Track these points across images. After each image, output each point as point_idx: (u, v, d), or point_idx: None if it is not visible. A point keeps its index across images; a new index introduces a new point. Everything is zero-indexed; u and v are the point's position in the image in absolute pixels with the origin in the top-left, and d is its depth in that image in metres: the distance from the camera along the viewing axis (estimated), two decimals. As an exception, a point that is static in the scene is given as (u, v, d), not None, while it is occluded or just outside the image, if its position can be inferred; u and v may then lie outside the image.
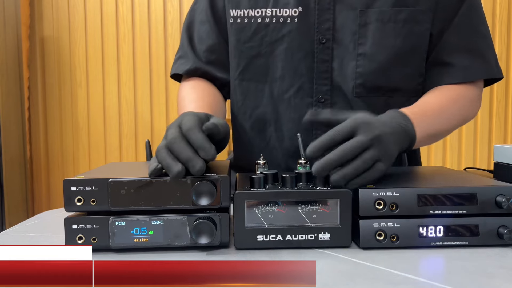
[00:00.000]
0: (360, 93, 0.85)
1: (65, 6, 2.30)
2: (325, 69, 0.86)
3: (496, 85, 2.33)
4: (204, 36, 0.94)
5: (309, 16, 0.85)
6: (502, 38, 2.33)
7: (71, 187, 0.56)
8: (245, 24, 0.88)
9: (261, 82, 0.89)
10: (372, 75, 0.84)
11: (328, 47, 0.85)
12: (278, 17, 0.86)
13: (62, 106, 2.33)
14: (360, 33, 0.84)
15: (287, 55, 0.86)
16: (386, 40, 0.84)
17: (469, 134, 2.34)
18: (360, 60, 0.84)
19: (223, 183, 0.57)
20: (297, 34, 0.85)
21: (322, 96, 0.86)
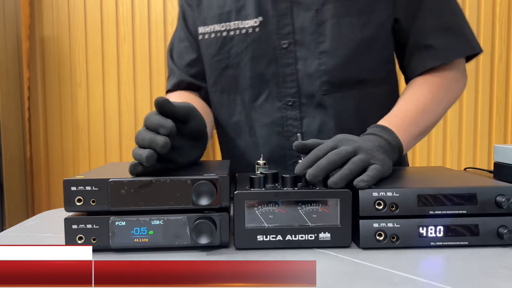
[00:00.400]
0: (327, 90, 0.87)
1: (65, 6, 2.30)
2: (290, 72, 0.88)
3: (496, 85, 2.33)
4: (184, 52, 0.99)
5: (269, 24, 0.87)
6: (502, 38, 2.33)
7: (71, 187, 0.56)
8: (212, 39, 0.92)
9: (233, 92, 0.93)
10: (336, 71, 0.86)
11: (291, 51, 0.87)
12: (241, 29, 0.89)
13: (62, 106, 2.33)
14: (319, 32, 0.86)
15: (253, 63, 0.89)
16: (344, 34, 0.86)
17: (469, 134, 2.34)
18: (322, 58, 0.86)
19: (223, 183, 0.57)
20: (260, 42, 0.88)
21: (290, 99, 0.88)
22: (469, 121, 2.34)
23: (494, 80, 2.34)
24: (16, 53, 2.22)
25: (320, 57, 0.86)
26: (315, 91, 0.87)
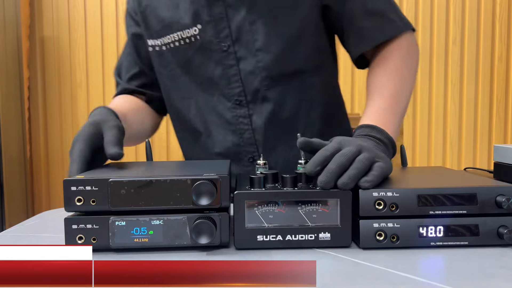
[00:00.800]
0: (268, 85, 0.91)
1: (65, 6, 2.30)
2: (234, 73, 0.92)
3: (496, 85, 2.33)
4: (128, 66, 1.04)
5: (208, 30, 0.91)
6: (502, 38, 2.33)
7: (71, 187, 0.56)
8: (161, 51, 0.97)
9: (186, 99, 0.97)
10: (272, 66, 0.91)
11: (231, 52, 0.91)
12: (184, 39, 0.93)
13: (62, 106, 2.33)
14: (253, 30, 0.90)
15: (201, 69, 0.94)
16: (275, 30, 0.90)
17: (469, 134, 2.34)
18: (258, 55, 0.91)
19: (223, 183, 0.57)
20: (203, 49, 0.93)
21: (237, 98, 0.93)
22: (469, 121, 2.34)
23: (494, 80, 2.34)
24: (16, 53, 2.22)
25: (256, 54, 0.91)
26: (258, 87, 0.92)
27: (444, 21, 2.32)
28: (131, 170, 0.69)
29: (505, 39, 2.32)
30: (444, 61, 2.33)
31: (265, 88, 0.91)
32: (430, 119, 2.34)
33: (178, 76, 0.96)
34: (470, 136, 2.34)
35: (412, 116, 2.34)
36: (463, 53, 2.33)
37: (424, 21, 2.32)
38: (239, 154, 0.95)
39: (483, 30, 2.32)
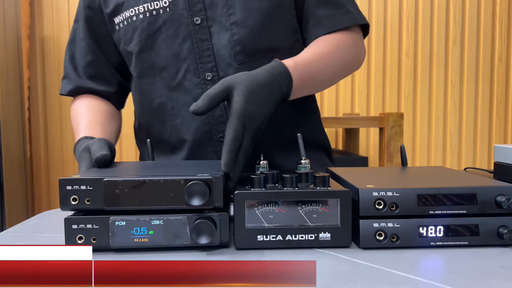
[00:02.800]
0: (242, 59, 0.90)
1: (65, 6, 2.30)
2: (206, 48, 0.90)
3: (496, 85, 2.33)
4: (84, 52, 1.00)
5: (179, 3, 0.89)
6: (502, 38, 2.33)
7: (66, 186, 0.56)
8: (126, 26, 0.93)
9: (151, 76, 0.94)
10: (248, 40, 0.90)
11: (204, 27, 0.90)
12: (151, 11, 0.90)
13: (62, 106, 2.33)
14: (229, 4, 0.90)
15: (167, 43, 0.91)
16: (252, 5, 0.90)
17: (469, 134, 2.34)
18: (234, 29, 0.90)
19: (217, 183, 0.57)
20: (172, 22, 0.90)
21: (209, 73, 0.91)
22: (469, 121, 2.34)
23: (494, 80, 2.34)
24: (16, 53, 2.22)
25: (231, 28, 0.90)
26: (231, 61, 0.90)
27: (444, 21, 2.32)
28: (127, 170, 0.69)
29: (505, 39, 2.32)
30: (444, 61, 2.33)
31: (238, 63, 0.90)
32: (430, 119, 2.34)
33: (140, 53, 0.93)
34: (470, 136, 2.34)
35: (412, 116, 2.34)
36: (463, 53, 2.33)
37: (424, 21, 2.32)
38: (210, 133, 0.92)
39: (483, 30, 2.32)
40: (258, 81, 0.70)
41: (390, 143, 1.87)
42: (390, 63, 2.33)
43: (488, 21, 2.32)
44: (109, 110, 1.01)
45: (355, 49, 0.95)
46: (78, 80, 1.00)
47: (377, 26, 2.31)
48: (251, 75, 0.71)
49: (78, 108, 0.99)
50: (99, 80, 1.01)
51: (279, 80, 0.74)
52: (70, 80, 1.01)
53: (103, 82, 1.01)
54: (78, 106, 0.99)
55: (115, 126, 1.00)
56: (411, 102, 2.33)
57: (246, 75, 0.71)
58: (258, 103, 0.68)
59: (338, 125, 1.99)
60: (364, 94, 2.33)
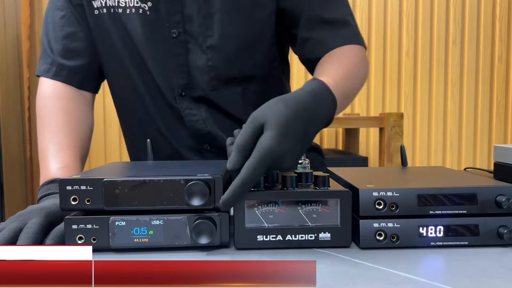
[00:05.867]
0: (215, 86, 0.86)
1: (65, 6, 2.30)
2: (181, 63, 0.86)
3: (496, 85, 2.33)
4: (63, 23, 0.90)
5: (158, 10, 0.84)
6: (502, 38, 2.33)
7: (66, 186, 0.56)
8: (105, 15, 0.87)
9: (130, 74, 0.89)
10: (223, 68, 0.86)
11: (181, 41, 0.85)
12: (131, 8, 0.85)
13: (62, 106, 2.32)
14: (207, 25, 0.84)
15: (144, 47, 0.86)
16: (231, 30, 0.84)
17: (469, 134, 2.34)
18: (209, 53, 0.85)
19: (217, 184, 0.57)
20: (150, 27, 0.85)
21: (182, 90, 0.87)
22: (469, 121, 2.34)
23: (494, 80, 2.34)
24: (16, 53, 2.21)
25: (207, 52, 0.85)
26: (203, 85, 0.87)
27: (444, 21, 2.32)
28: (127, 170, 0.69)
29: (505, 39, 2.32)
30: (444, 61, 2.33)
31: (210, 89, 0.87)
32: (430, 119, 2.33)
33: (121, 45, 0.88)
34: (470, 136, 2.34)
35: (412, 116, 2.34)
36: (463, 53, 2.33)
37: (424, 21, 2.32)
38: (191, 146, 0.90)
39: (483, 30, 2.32)
40: (297, 110, 0.57)
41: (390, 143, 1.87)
42: (390, 63, 2.33)
43: (488, 21, 2.32)
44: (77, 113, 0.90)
45: (366, 62, 0.89)
46: (57, 58, 0.91)
47: (377, 26, 2.31)
48: (288, 103, 0.58)
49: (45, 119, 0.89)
50: (78, 55, 0.91)
51: (323, 105, 0.62)
52: (48, 57, 0.93)
53: (81, 57, 0.91)
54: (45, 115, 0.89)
55: (85, 136, 0.90)
56: (411, 102, 2.33)
57: (282, 103, 0.57)
58: (293, 138, 0.56)
59: (338, 125, 1.99)
60: (364, 94, 2.33)
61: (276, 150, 0.54)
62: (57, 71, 0.91)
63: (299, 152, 0.58)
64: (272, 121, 0.55)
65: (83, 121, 0.91)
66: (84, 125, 0.90)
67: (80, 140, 0.87)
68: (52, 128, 0.86)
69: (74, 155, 0.83)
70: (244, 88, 0.88)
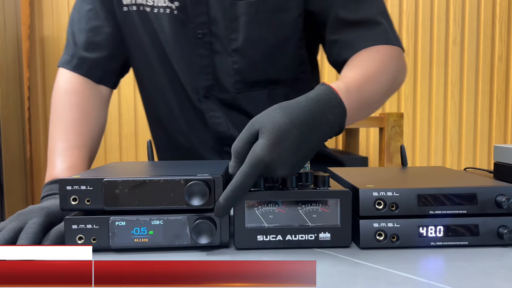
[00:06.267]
0: (241, 89, 0.85)
1: (65, 6, 2.30)
2: (206, 64, 0.85)
3: (496, 85, 2.33)
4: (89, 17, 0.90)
5: (185, 10, 0.84)
6: (502, 38, 2.33)
7: (66, 186, 0.56)
8: (135, 12, 0.87)
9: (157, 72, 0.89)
10: (248, 71, 0.85)
11: (206, 42, 0.85)
12: (159, 8, 0.85)
13: (62, 106, 2.32)
14: (232, 28, 0.83)
15: (171, 47, 0.86)
16: (257, 34, 0.83)
17: (469, 134, 2.34)
18: (235, 56, 0.84)
19: (217, 184, 0.57)
20: (176, 27, 0.85)
21: (207, 91, 0.86)
22: (469, 121, 2.34)
23: (494, 80, 2.34)
24: (16, 53, 2.21)
25: (232, 55, 0.84)
26: (229, 87, 0.86)
27: (444, 21, 2.32)
28: (127, 170, 0.69)
29: (505, 39, 2.32)
30: (444, 61, 2.33)
31: (236, 91, 0.86)
32: (430, 119, 2.33)
33: (149, 44, 0.88)
34: (470, 136, 2.34)
35: (412, 116, 2.34)
36: (463, 53, 2.33)
37: (424, 21, 2.32)
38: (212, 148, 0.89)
39: (483, 30, 2.32)
40: (294, 118, 0.55)
41: (390, 143, 1.87)
42: (390, 63, 2.32)
43: (488, 21, 2.32)
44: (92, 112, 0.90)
45: (398, 64, 0.81)
46: (79, 51, 0.90)
47: (377, 26, 2.31)
48: (286, 110, 0.56)
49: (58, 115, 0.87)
50: (101, 49, 0.91)
51: (326, 112, 0.57)
52: (69, 49, 0.92)
53: (99, 50, 0.91)
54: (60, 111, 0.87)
55: (95, 136, 0.89)
56: (411, 102, 2.33)
57: (280, 110, 0.56)
58: (287, 148, 0.54)
59: (338, 125, 1.98)
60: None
61: (267, 159, 0.54)
62: (78, 63, 0.90)
63: (296, 162, 0.56)
64: (266, 129, 0.54)
65: (96, 120, 0.90)
66: (96, 124, 0.90)
67: (90, 140, 0.86)
68: (64, 125, 0.84)
69: (82, 156, 0.82)
70: (270, 92, 0.86)
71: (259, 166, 0.54)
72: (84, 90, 0.89)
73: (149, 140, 0.82)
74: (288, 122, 0.55)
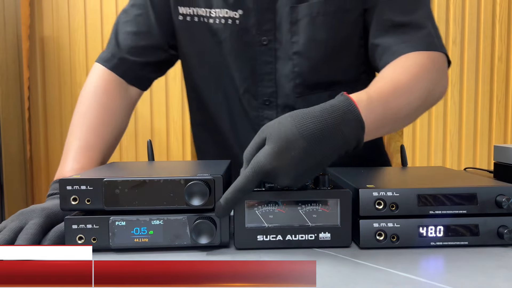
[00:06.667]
0: (301, 92, 0.84)
1: (65, 6, 2.30)
2: (269, 71, 0.85)
3: (496, 85, 2.33)
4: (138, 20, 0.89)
5: (249, 18, 0.84)
6: (502, 38, 2.33)
7: (66, 186, 0.56)
8: (195, 23, 0.87)
9: (213, 80, 0.89)
10: (309, 74, 0.83)
11: (271, 48, 0.84)
12: (225, 18, 0.84)
13: (62, 106, 2.33)
14: (293, 31, 0.83)
15: (232, 56, 0.86)
16: (318, 35, 0.82)
17: (469, 134, 2.34)
18: (295, 59, 0.83)
19: (217, 184, 0.57)
20: (238, 36, 0.84)
21: (268, 98, 0.86)
22: (469, 121, 2.34)
23: (494, 80, 2.34)
24: (16, 53, 2.21)
25: (293, 58, 0.83)
26: (289, 92, 0.85)
27: (444, 21, 2.32)
28: (127, 170, 0.69)
29: (505, 39, 2.32)
30: (444, 61, 2.33)
31: (296, 96, 0.85)
32: (430, 119, 2.33)
33: (206, 55, 0.87)
34: (470, 136, 2.34)
35: (412, 116, 2.33)
36: (463, 53, 2.33)
37: (424, 21, 2.31)
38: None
39: (483, 30, 2.32)
40: (304, 129, 0.53)
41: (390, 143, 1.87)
42: (390, 63, 2.32)
43: (488, 21, 2.32)
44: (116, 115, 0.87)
45: (438, 74, 0.76)
46: (120, 51, 0.89)
47: (377, 26, 2.31)
48: (296, 120, 0.54)
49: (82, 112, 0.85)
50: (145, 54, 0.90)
51: (340, 125, 0.54)
52: (110, 46, 0.91)
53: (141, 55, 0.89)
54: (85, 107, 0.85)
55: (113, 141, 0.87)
56: (411, 102, 2.33)
57: (291, 119, 0.55)
58: (291, 158, 0.53)
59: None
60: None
61: (268, 166, 0.53)
62: (117, 64, 0.89)
63: (300, 174, 0.54)
64: (272, 136, 0.54)
65: (118, 123, 0.88)
66: (117, 128, 0.88)
67: (108, 142, 0.84)
68: (86, 124, 0.83)
69: (96, 158, 0.81)
70: (331, 94, 0.81)
71: (260, 173, 0.54)
72: (114, 91, 0.88)
73: (149, 140, 0.82)
74: (295, 132, 0.53)
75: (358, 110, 0.56)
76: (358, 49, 0.86)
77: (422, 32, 0.78)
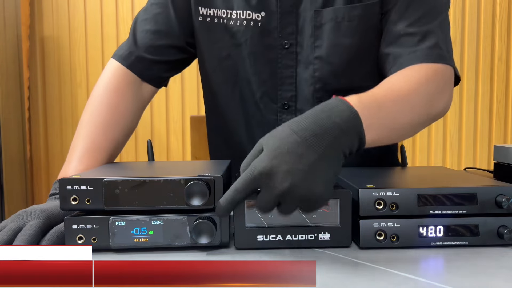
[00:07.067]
0: (321, 97, 0.83)
1: (65, 6, 2.30)
2: (290, 75, 0.84)
3: (496, 85, 2.33)
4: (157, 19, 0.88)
5: (271, 21, 0.83)
6: (502, 38, 2.33)
7: (66, 186, 0.56)
8: (215, 24, 0.86)
9: (230, 84, 0.88)
10: (330, 79, 0.83)
11: (292, 52, 0.84)
12: (246, 20, 0.84)
13: (62, 106, 2.33)
14: (316, 35, 0.82)
15: (251, 59, 0.85)
16: (342, 40, 0.82)
17: (469, 134, 2.34)
18: (316, 64, 0.83)
19: (217, 184, 0.57)
20: (259, 38, 0.84)
21: (287, 102, 0.85)
22: (469, 121, 2.34)
23: (494, 80, 2.34)
24: (16, 53, 2.21)
25: (314, 62, 0.83)
26: (309, 97, 0.84)
27: (444, 21, 2.32)
28: (127, 170, 0.69)
29: (505, 39, 2.32)
30: (444, 61, 2.33)
31: (316, 101, 0.84)
32: (430, 119, 2.33)
33: (225, 58, 0.87)
34: (470, 136, 2.34)
35: (412, 116, 2.33)
36: (463, 53, 2.33)
37: (424, 21, 2.32)
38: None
39: (483, 30, 2.32)
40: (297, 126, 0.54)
41: (390, 143, 1.87)
42: (390, 63, 2.32)
43: (488, 21, 2.32)
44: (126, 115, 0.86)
45: (445, 86, 0.76)
46: (137, 50, 0.87)
47: (377, 26, 2.31)
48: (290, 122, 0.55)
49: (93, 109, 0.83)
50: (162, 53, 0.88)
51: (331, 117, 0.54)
52: (128, 43, 0.89)
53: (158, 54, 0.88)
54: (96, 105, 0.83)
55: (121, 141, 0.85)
56: (411, 102, 2.33)
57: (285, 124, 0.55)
58: (287, 154, 0.52)
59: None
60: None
61: (268, 167, 0.52)
62: (134, 62, 0.87)
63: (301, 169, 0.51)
64: (267, 142, 0.54)
65: (128, 124, 0.87)
66: (126, 128, 0.86)
67: (115, 143, 0.83)
68: (94, 124, 0.82)
69: (101, 159, 0.80)
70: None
71: (258, 173, 0.52)
72: (126, 89, 0.86)
73: (149, 140, 0.82)
74: (287, 130, 0.53)
75: (348, 103, 0.56)
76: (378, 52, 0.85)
77: (431, 43, 0.77)
